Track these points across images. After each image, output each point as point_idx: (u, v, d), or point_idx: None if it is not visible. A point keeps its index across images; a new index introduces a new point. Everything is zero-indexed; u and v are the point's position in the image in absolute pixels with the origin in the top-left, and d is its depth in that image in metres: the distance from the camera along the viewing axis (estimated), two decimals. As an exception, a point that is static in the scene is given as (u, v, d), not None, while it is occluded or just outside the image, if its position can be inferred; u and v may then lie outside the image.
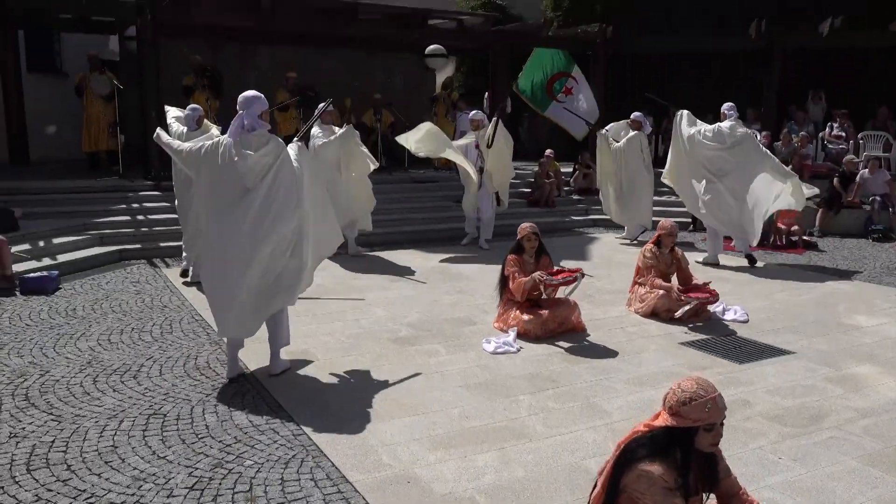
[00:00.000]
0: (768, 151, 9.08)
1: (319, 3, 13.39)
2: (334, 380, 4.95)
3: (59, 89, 14.43)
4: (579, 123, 12.97)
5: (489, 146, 9.65)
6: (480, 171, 9.72)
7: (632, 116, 10.88)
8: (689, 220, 11.62)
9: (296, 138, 5.13)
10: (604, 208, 11.27)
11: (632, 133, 10.64)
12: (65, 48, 15.49)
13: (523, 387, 4.85)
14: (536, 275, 5.87)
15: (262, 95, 4.80)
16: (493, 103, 14.05)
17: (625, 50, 15.48)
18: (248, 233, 4.63)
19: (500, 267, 6.24)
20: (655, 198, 11.25)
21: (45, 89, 14.24)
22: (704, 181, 8.91)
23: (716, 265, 9.02)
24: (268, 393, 4.69)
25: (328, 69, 14.96)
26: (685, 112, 9.23)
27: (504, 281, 6.13)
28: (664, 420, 2.59)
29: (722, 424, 2.58)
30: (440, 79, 16.14)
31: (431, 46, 14.82)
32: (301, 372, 5.10)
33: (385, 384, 4.87)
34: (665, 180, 9.63)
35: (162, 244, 9.33)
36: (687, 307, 6.33)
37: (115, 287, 7.54)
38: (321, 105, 6.45)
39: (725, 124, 8.85)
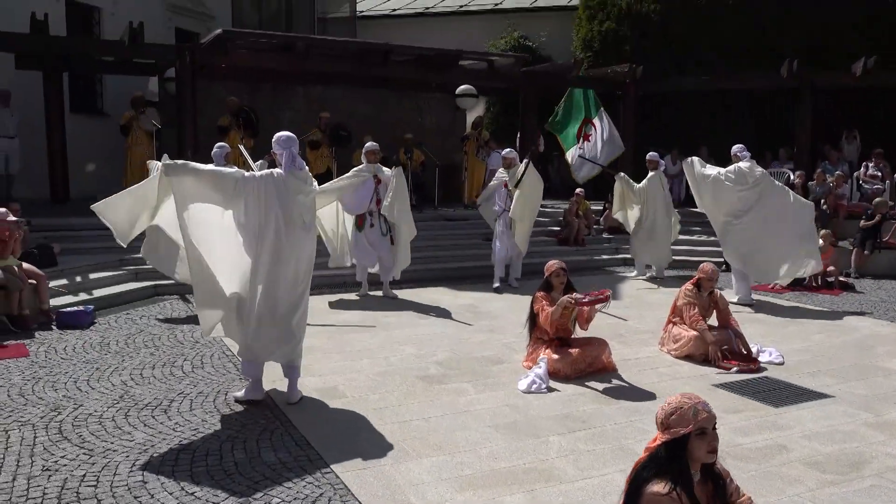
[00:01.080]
0: (786, 187, 9.23)
1: (353, 45, 13.68)
2: (362, 417, 4.93)
3: (99, 129, 14.84)
4: (589, 166, 13.12)
5: (516, 186, 9.62)
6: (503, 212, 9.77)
7: (647, 157, 10.95)
8: (722, 259, 11.48)
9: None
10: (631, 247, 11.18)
11: (651, 173, 10.69)
12: (106, 90, 15.96)
13: (553, 427, 4.78)
14: (565, 298, 5.79)
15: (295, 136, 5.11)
16: (524, 143, 14.13)
17: (654, 89, 15.52)
18: (299, 265, 5.00)
19: (529, 305, 6.20)
20: (684, 237, 11.18)
21: (86, 129, 14.64)
22: (723, 222, 9.04)
23: (749, 305, 8.88)
24: (296, 430, 4.68)
25: (359, 109, 15.18)
26: (695, 158, 9.38)
27: (533, 319, 6.09)
28: (659, 438, 2.65)
29: (714, 429, 2.62)
30: (470, 118, 16.27)
31: (462, 87, 14.99)
32: (329, 409, 5.09)
33: (413, 422, 4.84)
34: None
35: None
36: (728, 371, 6.15)
37: (149, 322, 7.64)
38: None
39: (744, 164, 8.93)
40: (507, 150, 10.33)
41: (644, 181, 10.72)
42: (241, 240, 4.89)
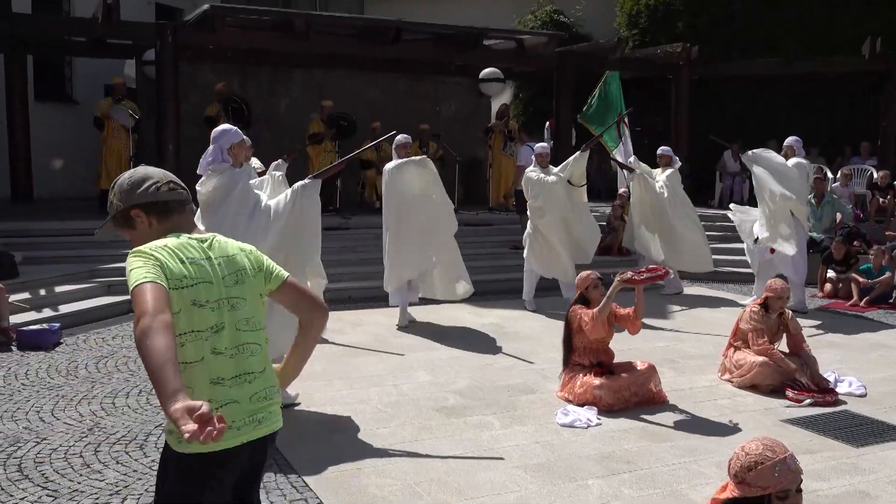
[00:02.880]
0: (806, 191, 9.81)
1: (359, 22, 13.76)
2: (370, 456, 4.93)
3: (69, 119, 15.02)
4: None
5: (581, 185, 9.40)
6: None
7: (659, 151, 11.00)
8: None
9: (310, 175, 5.88)
10: (651, 255, 10.99)
11: (669, 170, 10.74)
12: (76, 74, 16.18)
13: (593, 469, 4.75)
14: (616, 280, 5.77)
15: (234, 129, 5.66)
16: (558, 136, 14.13)
17: (712, 73, 15.46)
18: None
19: (564, 324, 6.19)
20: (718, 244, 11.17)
21: (53, 119, 14.84)
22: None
23: (804, 312, 8.98)
24: (292, 469, 4.69)
25: (368, 96, 15.27)
26: (760, 151, 9.64)
27: (569, 341, 6.07)
28: (731, 491, 2.58)
29: (799, 491, 2.54)
30: (496, 106, 16.31)
31: (487, 70, 15.03)
32: (331, 445, 5.10)
33: (429, 462, 4.83)
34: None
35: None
36: (800, 404, 6.08)
37: (123, 343, 7.70)
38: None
39: (791, 161, 9.39)
40: (542, 144, 10.27)
41: (664, 177, 10.68)
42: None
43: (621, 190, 13.30)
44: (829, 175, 13.27)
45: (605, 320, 5.85)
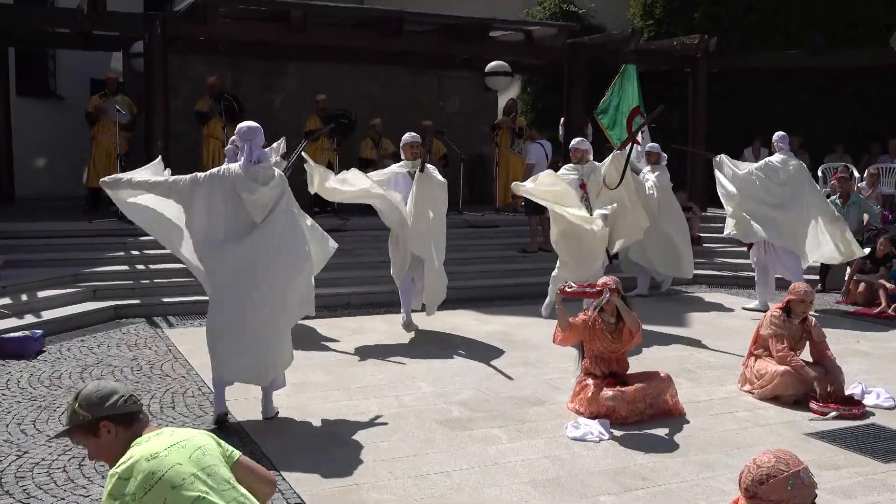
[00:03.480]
0: (817, 187, 10.18)
1: (359, 12, 13.78)
2: (370, 471, 4.92)
3: (53, 115, 15.06)
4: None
5: (615, 186, 8.89)
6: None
7: (647, 148, 11.07)
8: (817, 277, 11.37)
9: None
10: (654, 268, 11.03)
11: (659, 169, 10.83)
12: (60, 68, 16.22)
13: (605, 485, 4.75)
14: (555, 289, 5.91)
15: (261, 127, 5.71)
16: (569, 133, 14.11)
17: (731, 66, 15.44)
18: (262, 269, 5.48)
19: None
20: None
21: (36, 115, 14.87)
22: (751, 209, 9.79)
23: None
24: (288, 486, 4.68)
25: (368, 91, 15.28)
26: (724, 156, 10.09)
27: (583, 347, 6.08)
28: None
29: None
30: (503, 101, 16.32)
31: (493, 63, 15.02)
32: (329, 460, 5.09)
33: (432, 477, 4.83)
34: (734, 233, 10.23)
35: (165, 299, 9.53)
36: (824, 417, 6.06)
37: (109, 351, 7.71)
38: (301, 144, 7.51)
39: (776, 158, 9.79)
40: (579, 139, 9.78)
41: (654, 176, 10.77)
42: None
43: None
44: (856, 174, 13.24)
45: (567, 333, 6.03)
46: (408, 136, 8.72)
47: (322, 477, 4.82)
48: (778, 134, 10.06)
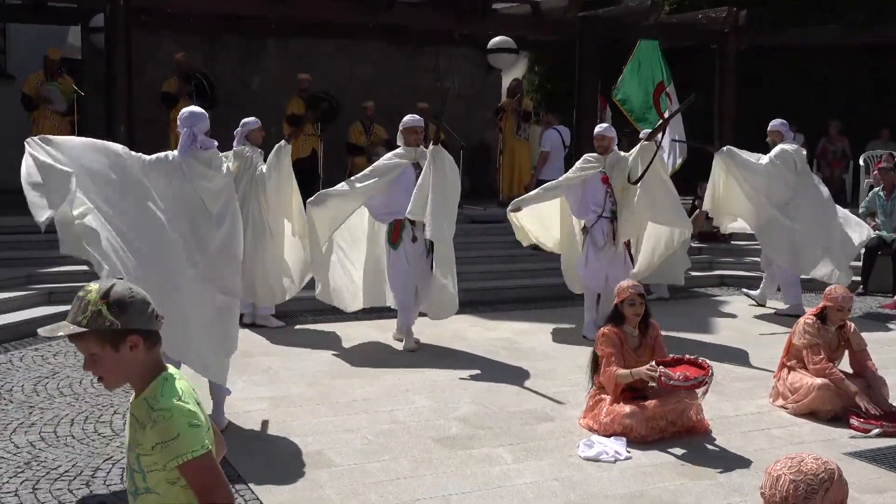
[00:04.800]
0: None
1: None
2: (358, 496, 4.92)
3: (2, 97, 15.03)
4: (678, 147, 12.95)
5: (636, 181, 8.66)
6: (612, 217, 8.81)
7: (641, 135, 10.86)
8: (860, 280, 11.37)
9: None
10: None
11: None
12: (11, 44, 16.18)
13: (621, 511, 4.74)
14: (645, 369, 5.73)
15: (204, 112, 6.16)
16: (582, 117, 14.11)
17: (763, 42, 15.45)
18: (210, 261, 5.81)
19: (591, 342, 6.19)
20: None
21: (-16, 97, 14.83)
22: (768, 215, 9.91)
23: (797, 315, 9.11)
24: (265, 511, 4.68)
25: (358, 71, 15.28)
26: (730, 148, 10.23)
27: (597, 360, 6.06)
28: None
29: None
30: (507, 82, 16.32)
31: (497, 39, 15.02)
32: (313, 482, 5.09)
33: (427, 501, 4.82)
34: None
35: (129, 304, 9.50)
36: (867, 434, 6.06)
37: (67, 361, 7.69)
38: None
39: (790, 147, 10.00)
40: (605, 125, 9.55)
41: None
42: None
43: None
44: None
45: (618, 387, 5.89)
46: (409, 119, 8.39)
47: (304, 502, 4.81)
48: (778, 121, 10.29)
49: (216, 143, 6.06)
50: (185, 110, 6.13)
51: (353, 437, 5.84)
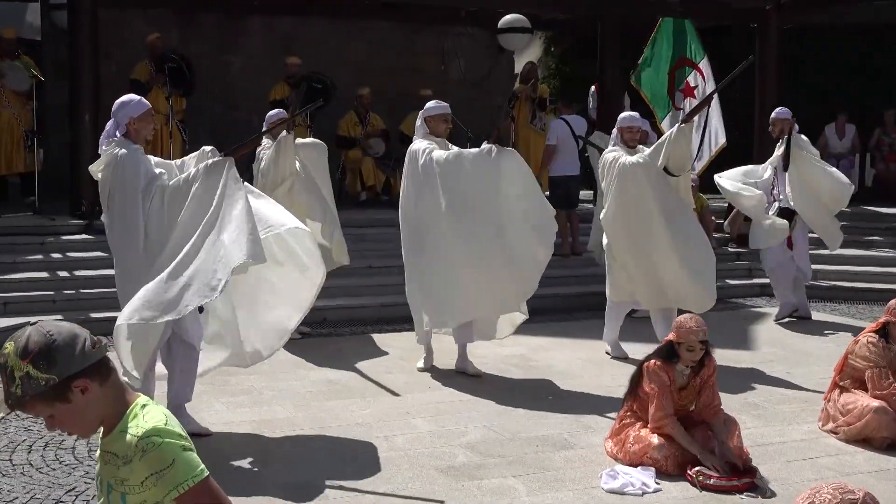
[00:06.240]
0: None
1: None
2: (351, 531, 4.91)
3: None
4: (708, 140, 12.96)
5: (681, 172, 8.40)
6: None
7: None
8: None
9: (223, 152, 6.36)
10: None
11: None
12: (-36, 23, 16.21)
13: (650, 550, 4.73)
14: (692, 473, 5.64)
15: (136, 99, 6.45)
16: (603, 105, 14.09)
17: (808, 22, 15.43)
18: None
19: (625, 363, 6.16)
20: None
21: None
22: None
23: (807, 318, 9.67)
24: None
25: (351, 52, 15.28)
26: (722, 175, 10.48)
27: (636, 383, 5.97)
28: None
29: None
30: (519, 65, 16.32)
31: (508, 17, 15.01)
32: (300, 517, 5.08)
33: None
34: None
35: (95, 315, 9.49)
36: None
37: (23, 379, 7.68)
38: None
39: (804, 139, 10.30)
40: (630, 114, 9.26)
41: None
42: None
43: (691, 176, 13.17)
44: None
45: (660, 429, 5.81)
46: (435, 105, 8.20)
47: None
48: (781, 110, 10.53)
49: (112, 136, 6.36)
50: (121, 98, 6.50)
51: (346, 467, 5.83)
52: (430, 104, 8.21)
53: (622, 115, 9.19)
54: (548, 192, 12.92)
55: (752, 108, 14.33)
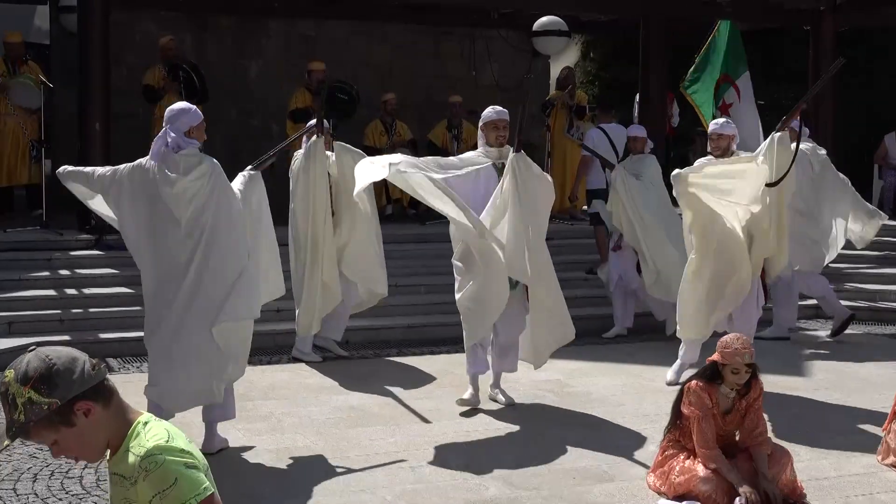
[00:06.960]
0: (848, 181, 10.57)
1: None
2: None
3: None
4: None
5: (774, 183, 8.12)
6: None
7: (630, 133, 11.01)
8: None
9: (249, 167, 6.90)
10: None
11: (646, 160, 10.57)
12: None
13: (696, 592, 4.71)
14: (739, 484, 5.61)
15: (194, 108, 6.57)
16: (646, 114, 14.07)
17: (866, 24, 15.38)
18: (189, 275, 6.27)
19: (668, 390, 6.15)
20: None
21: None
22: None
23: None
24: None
25: (377, 58, 15.33)
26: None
27: (679, 410, 5.93)
28: None
29: None
30: (556, 71, 16.32)
31: (544, 19, 15.03)
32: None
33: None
34: None
35: (103, 335, 9.54)
36: None
37: (28, 404, 7.73)
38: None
39: (807, 145, 9.85)
40: (724, 121, 9.07)
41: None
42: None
43: None
44: None
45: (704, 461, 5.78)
46: (492, 112, 7.89)
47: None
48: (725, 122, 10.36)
49: (196, 143, 6.39)
50: (170, 107, 6.56)
51: (369, 499, 5.83)
52: (486, 111, 7.97)
53: (717, 121, 9.07)
54: (585, 206, 12.95)
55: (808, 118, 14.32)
